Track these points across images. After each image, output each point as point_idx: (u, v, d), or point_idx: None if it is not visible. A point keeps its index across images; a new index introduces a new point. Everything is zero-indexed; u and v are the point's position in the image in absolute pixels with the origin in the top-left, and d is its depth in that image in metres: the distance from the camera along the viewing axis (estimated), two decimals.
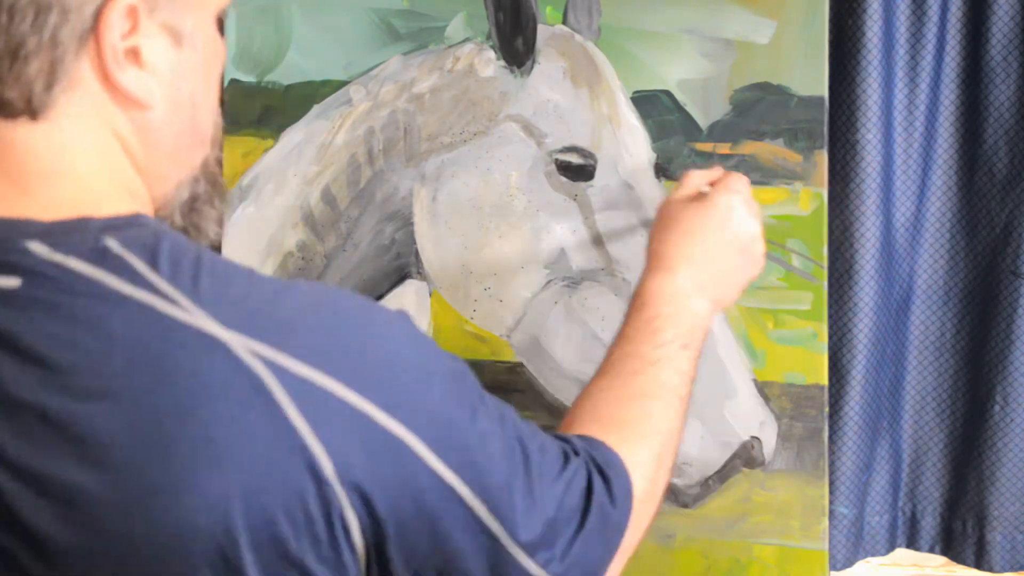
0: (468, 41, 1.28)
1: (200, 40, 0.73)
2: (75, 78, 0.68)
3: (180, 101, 0.72)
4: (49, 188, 0.68)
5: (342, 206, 1.30)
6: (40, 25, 0.65)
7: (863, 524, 1.35)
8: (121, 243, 0.67)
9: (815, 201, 1.24)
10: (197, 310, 0.65)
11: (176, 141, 0.74)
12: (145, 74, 0.69)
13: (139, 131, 0.71)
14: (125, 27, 0.68)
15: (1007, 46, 1.29)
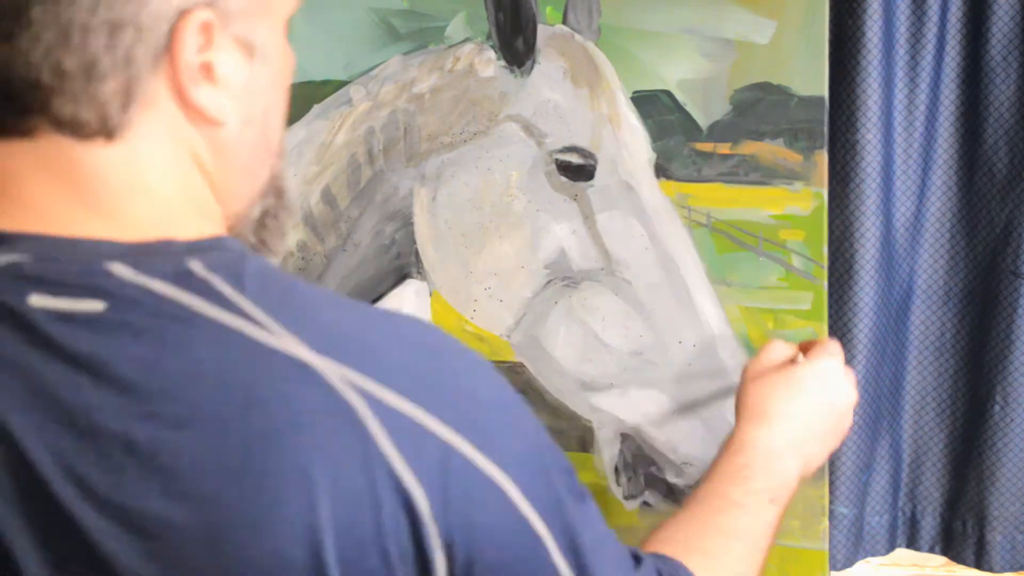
0: (468, 41, 1.28)
1: (271, 51, 0.71)
2: (151, 97, 0.66)
3: (252, 116, 0.71)
4: (127, 208, 0.66)
5: (342, 206, 1.30)
6: (114, 44, 0.64)
7: (863, 524, 1.35)
8: (206, 266, 0.65)
9: (815, 201, 1.24)
10: (287, 335, 0.63)
11: (249, 157, 0.72)
12: (218, 91, 0.67)
13: (213, 149, 0.69)
14: (200, 43, 0.66)
15: (1007, 46, 1.29)
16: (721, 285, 1.25)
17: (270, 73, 0.71)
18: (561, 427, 1.27)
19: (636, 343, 1.24)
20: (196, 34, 0.66)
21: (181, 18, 0.65)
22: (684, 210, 1.26)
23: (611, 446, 1.26)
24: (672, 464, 1.25)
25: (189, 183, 0.69)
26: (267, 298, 0.64)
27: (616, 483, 1.26)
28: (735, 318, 1.25)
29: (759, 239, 1.25)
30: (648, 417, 1.25)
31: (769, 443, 0.98)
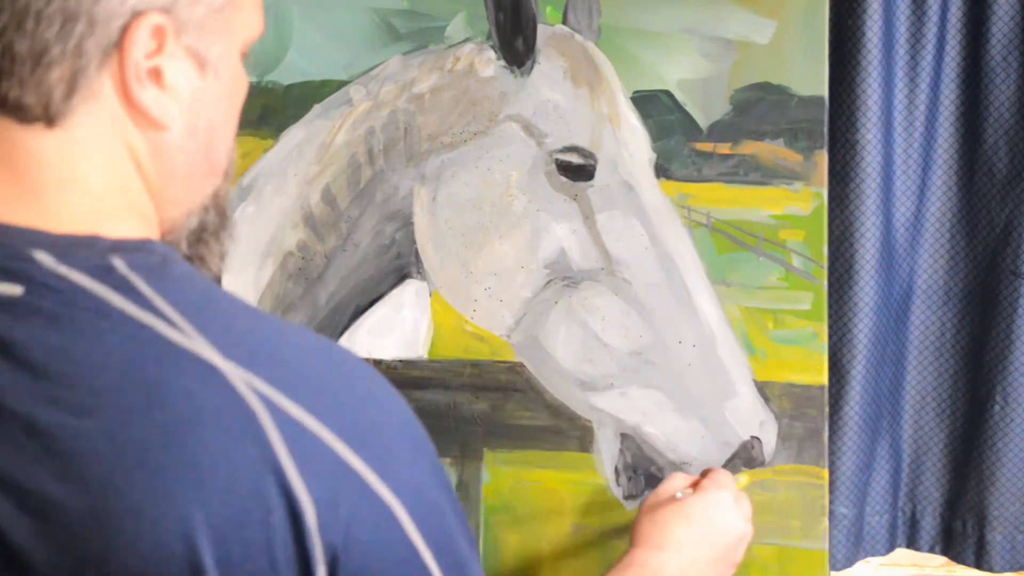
0: (468, 41, 1.28)
1: (224, 70, 0.73)
2: (95, 90, 0.67)
3: (198, 127, 0.72)
4: (60, 198, 0.68)
5: (342, 206, 1.30)
6: (66, 34, 0.65)
7: (863, 524, 1.35)
8: (128, 264, 0.66)
9: (815, 201, 1.24)
10: (198, 336, 0.64)
11: (190, 167, 0.73)
12: (165, 96, 0.69)
13: (154, 151, 0.70)
14: (150, 46, 0.67)
15: (1007, 46, 1.29)
16: (721, 285, 1.25)
17: (221, 90, 0.73)
18: (561, 427, 1.27)
19: (636, 343, 1.24)
20: (147, 36, 0.67)
21: (134, 18, 0.66)
22: (684, 210, 1.26)
23: (611, 446, 1.26)
24: (672, 464, 1.25)
25: (125, 180, 0.70)
26: (184, 301, 0.66)
27: (616, 483, 1.26)
28: (735, 318, 1.25)
29: (759, 239, 1.25)
30: (648, 417, 1.25)
31: (660, 568, 1.03)
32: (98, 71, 0.67)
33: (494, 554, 1.28)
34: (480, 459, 1.29)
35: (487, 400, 1.28)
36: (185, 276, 0.69)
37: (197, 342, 0.64)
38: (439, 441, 1.28)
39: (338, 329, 1.31)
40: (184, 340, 0.64)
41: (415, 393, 1.29)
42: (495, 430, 1.28)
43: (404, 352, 1.30)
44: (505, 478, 1.28)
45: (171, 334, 0.64)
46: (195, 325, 0.65)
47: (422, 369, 1.29)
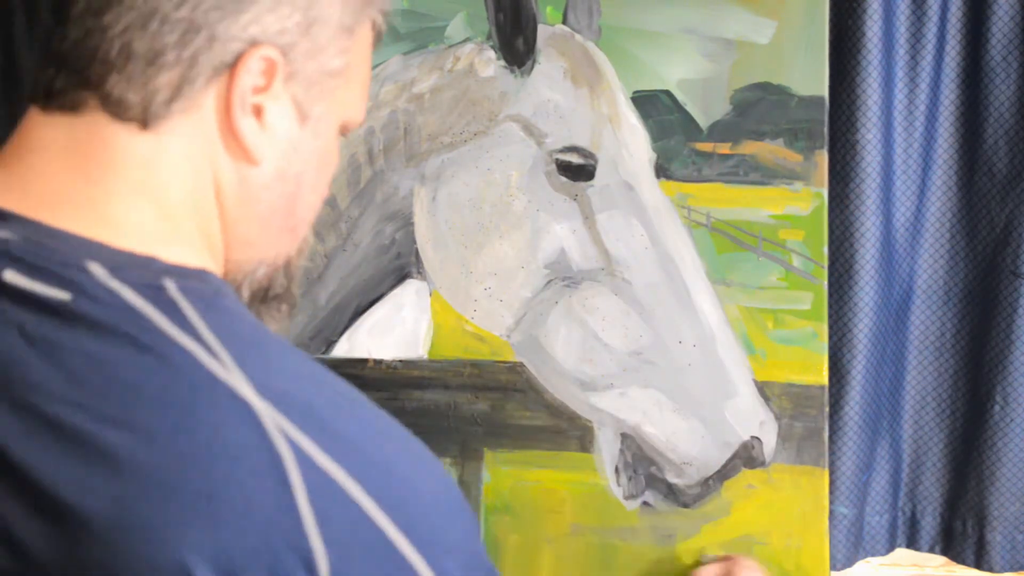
0: (468, 41, 1.28)
1: (323, 132, 0.74)
2: (197, 103, 0.68)
3: (287, 175, 0.72)
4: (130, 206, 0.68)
5: (342, 206, 1.30)
6: (185, 42, 0.67)
7: (863, 524, 1.35)
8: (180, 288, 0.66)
9: (815, 201, 1.24)
10: (236, 370, 0.64)
11: (271, 211, 0.73)
12: (263, 133, 0.70)
13: (239, 182, 0.71)
14: (259, 82, 0.69)
15: (1007, 46, 1.29)
16: (721, 285, 1.25)
17: (315, 148, 0.74)
18: (561, 427, 1.27)
19: (636, 343, 1.24)
20: (259, 68, 0.68)
21: (252, 47, 0.68)
22: (684, 210, 1.26)
23: (611, 446, 1.26)
24: (672, 464, 1.25)
25: (201, 201, 0.70)
26: (228, 333, 0.65)
27: (616, 483, 1.26)
28: (735, 318, 1.25)
29: (759, 239, 1.25)
30: (648, 417, 1.25)
31: None
32: (205, 86, 0.68)
33: (494, 554, 1.28)
34: (480, 459, 1.29)
35: (487, 400, 1.28)
36: (235, 310, 0.68)
37: (234, 375, 0.63)
38: (439, 441, 1.29)
39: (338, 329, 1.31)
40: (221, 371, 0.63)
41: (415, 393, 1.29)
42: (495, 430, 1.28)
43: (404, 352, 1.30)
44: (505, 478, 1.28)
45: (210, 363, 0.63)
46: (235, 358, 0.64)
47: (422, 369, 1.29)
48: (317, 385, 0.67)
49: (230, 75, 0.68)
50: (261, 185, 0.72)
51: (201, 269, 0.69)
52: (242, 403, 0.63)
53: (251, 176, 0.71)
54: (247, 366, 0.64)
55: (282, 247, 0.76)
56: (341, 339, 1.31)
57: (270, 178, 0.72)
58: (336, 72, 0.73)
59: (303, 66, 0.71)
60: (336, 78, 0.74)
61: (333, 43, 0.73)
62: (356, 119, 0.79)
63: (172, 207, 0.69)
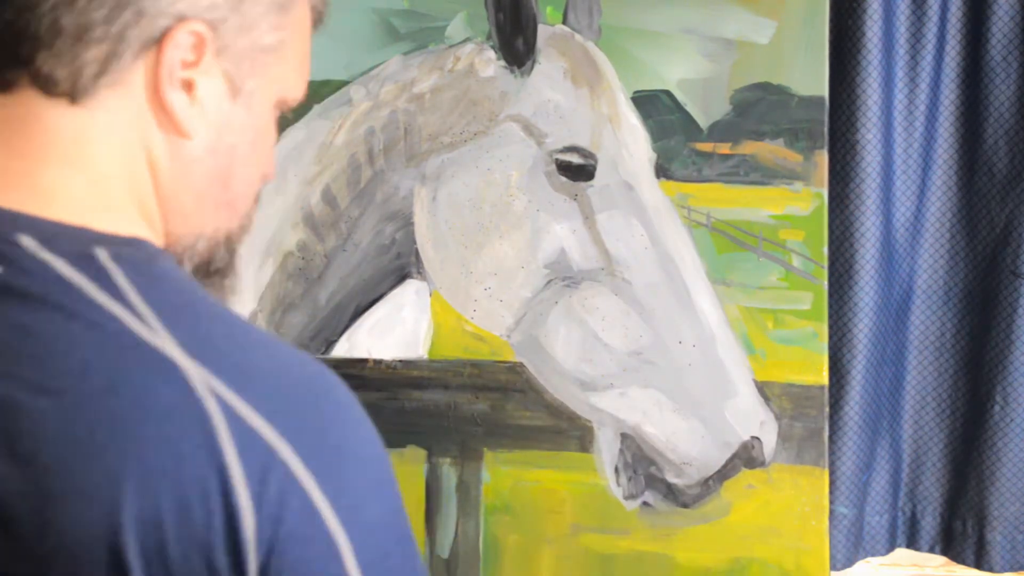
0: (468, 41, 1.28)
1: (257, 106, 0.74)
2: (126, 79, 0.69)
3: (219, 148, 0.73)
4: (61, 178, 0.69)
5: (342, 206, 1.30)
6: (112, 18, 0.67)
7: (863, 524, 1.35)
8: (111, 256, 0.67)
9: (815, 201, 1.24)
10: (165, 333, 0.64)
11: (206, 185, 0.74)
12: (193, 107, 0.70)
13: (172, 155, 0.72)
14: (189, 56, 0.69)
15: (1007, 46, 1.29)
16: (721, 285, 1.25)
17: (249, 123, 0.74)
18: (561, 427, 1.27)
19: (636, 343, 1.24)
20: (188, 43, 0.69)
21: (179, 22, 0.68)
22: (684, 210, 1.26)
23: (611, 446, 1.26)
24: (672, 464, 1.25)
25: (134, 174, 0.71)
26: (159, 298, 0.66)
27: (616, 483, 1.26)
28: (735, 318, 1.25)
29: (759, 239, 1.25)
30: (648, 417, 1.25)
31: None
32: (132, 61, 0.68)
33: (494, 554, 1.28)
34: (480, 459, 1.29)
35: (487, 400, 1.28)
36: (169, 275, 0.69)
37: (163, 338, 0.64)
38: (439, 441, 1.29)
39: (338, 329, 1.31)
40: (149, 334, 0.64)
41: (415, 393, 1.29)
42: (495, 430, 1.28)
43: (404, 352, 1.30)
44: (505, 478, 1.28)
45: (138, 328, 0.64)
46: (164, 322, 0.65)
47: (422, 369, 1.29)
48: (251, 347, 0.67)
49: (158, 50, 0.69)
50: (194, 158, 0.72)
51: (135, 237, 0.70)
52: (169, 364, 0.63)
53: (183, 149, 0.72)
54: (177, 328, 0.65)
55: (220, 221, 0.76)
56: (341, 339, 1.31)
57: (202, 151, 0.72)
58: (269, 48, 0.74)
59: (233, 41, 0.71)
60: (270, 54, 0.74)
61: (265, 19, 0.73)
62: (294, 96, 0.79)
63: (104, 179, 0.70)
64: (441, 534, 1.29)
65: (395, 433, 1.29)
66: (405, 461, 1.29)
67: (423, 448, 1.29)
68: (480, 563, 1.29)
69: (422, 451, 1.29)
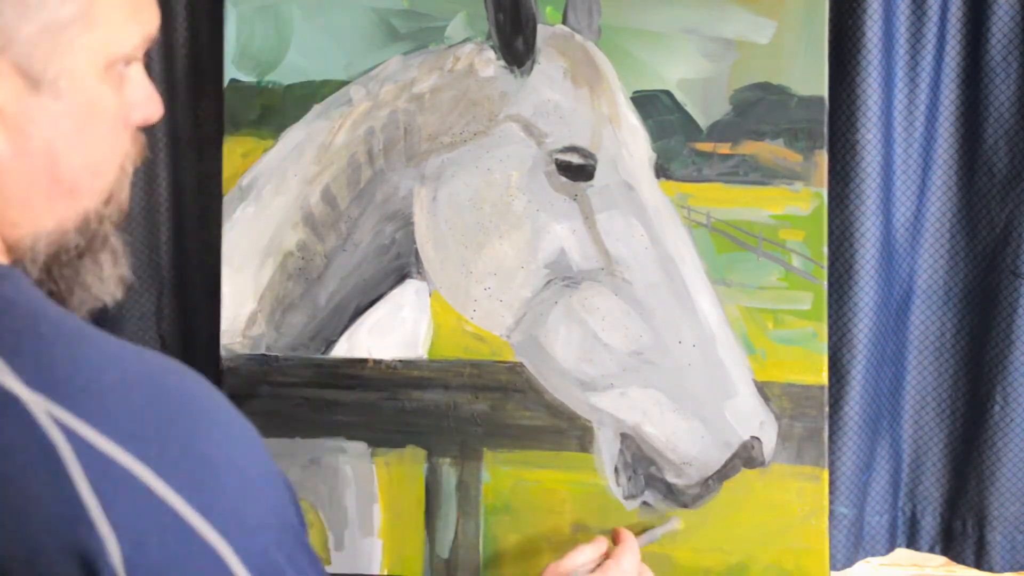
0: (468, 41, 1.28)
1: (67, 88, 0.69)
2: None
3: (30, 148, 0.68)
4: None
5: (342, 206, 1.30)
6: None
7: (863, 524, 1.35)
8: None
9: (815, 201, 1.24)
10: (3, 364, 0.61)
11: (27, 189, 0.69)
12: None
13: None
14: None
15: (1007, 46, 1.29)
16: (721, 285, 1.25)
17: (62, 109, 0.69)
18: (561, 427, 1.27)
19: (636, 343, 1.24)
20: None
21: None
22: (684, 210, 1.26)
23: (611, 446, 1.26)
24: (672, 464, 1.25)
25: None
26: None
27: (616, 483, 1.26)
28: (735, 318, 1.25)
29: (759, 239, 1.25)
30: (648, 417, 1.25)
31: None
32: None
33: (494, 554, 1.28)
34: (480, 459, 1.29)
35: (487, 400, 1.28)
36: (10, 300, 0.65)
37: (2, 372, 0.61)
38: (439, 441, 1.29)
39: (338, 329, 1.31)
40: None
41: (415, 393, 1.29)
42: (495, 430, 1.28)
43: (404, 352, 1.30)
44: (505, 478, 1.28)
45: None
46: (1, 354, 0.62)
47: (422, 369, 1.29)
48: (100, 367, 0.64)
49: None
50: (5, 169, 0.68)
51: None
52: (9, 397, 0.60)
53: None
54: (16, 359, 0.62)
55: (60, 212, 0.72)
56: (341, 339, 1.31)
57: (12, 159, 0.68)
58: (69, 20, 0.67)
59: (15, 31, 0.65)
60: (68, 28, 0.68)
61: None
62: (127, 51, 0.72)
63: None
64: (441, 534, 1.29)
65: (395, 433, 1.29)
66: (405, 461, 1.29)
67: (423, 448, 1.29)
68: (480, 563, 1.29)
69: (422, 451, 1.29)
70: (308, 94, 1.31)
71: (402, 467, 1.29)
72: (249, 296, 1.31)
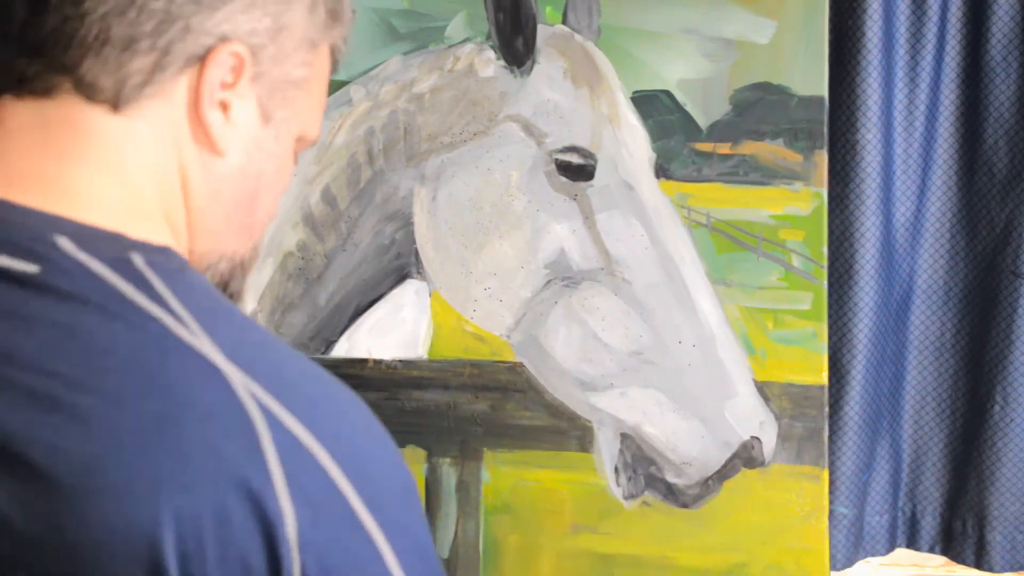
0: (468, 41, 1.28)
1: (283, 135, 0.76)
2: (168, 90, 0.70)
3: (248, 171, 0.75)
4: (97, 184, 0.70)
5: (342, 206, 1.30)
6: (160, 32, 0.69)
7: (863, 524, 1.35)
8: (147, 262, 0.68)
9: (815, 201, 1.24)
10: (204, 336, 0.65)
11: (233, 205, 0.75)
12: (229, 126, 0.72)
13: (204, 171, 0.73)
14: (228, 78, 0.71)
15: (1007, 46, 1.29)
16: (721, 285, 1.25)
17: (276, 149, 0.76)
18: (561, 427, 1.27)
19: (636, 343, 1.24)
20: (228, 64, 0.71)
21: (223, 41, 0.70)
22: (684, 210, 1.26)
23: (611, 446, 1.26)
24: (672, 464, 1.25)
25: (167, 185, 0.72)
26: (195, 303, 0.67)
27: (616, 483, 1.26)
28: (735, 318, 1.25)
29: (759, 239, 1.25)
30: (648, 417, 1.25)
31: None
32: (176, 75, 0.70)
33: (494, 554, 1.28)
34: (480, 459, 1.29)
35: (487, 400, 1.28)
36: (200, 284, 0.70)
37: (203, 341, 0.65)
38: (439, 441, 1.29)
39: (338, 329, 1.31)
40: (190, 337, 0.65)
41: (415, 393, 1.29)
42: (495, 430, 1.28)
43: (404, 352, 1.30)
44: (505, 478, 1.28)
45: (179, 330, 0.65)
46: (203, 326, 0.66)
47: (422, 369, 1.29)
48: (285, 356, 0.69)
49: (200, 67, 0.70)
50: (224, 177, 0.74)
51: (165, 246, 0.71)
52: (212, 367, 0.64)
53: (215, 167, 0.73)
54: (216, 334, 0.65)
55: (240, 243, 0.78)
56: (341, 339, 1.31)
57: (233, 171, 0.74)
58: (298, 82, 0.76)
59: (269, 69, 0.73)
60: (298, 88, 0.76)
61: (297, 53, 0.75)
62: (312, 135, 0.81)
63: (139, 187, 0.71)
64: (441, 534, 1.29)
65: (395, 433, 1.28)
66: (405, 461, 1.29)
67: (423, 448, 1.29)
68: (480, 563, 1.29)
69: (422, 451, 1.29)
70: None
71: None
72: (249, 296, 1.31)
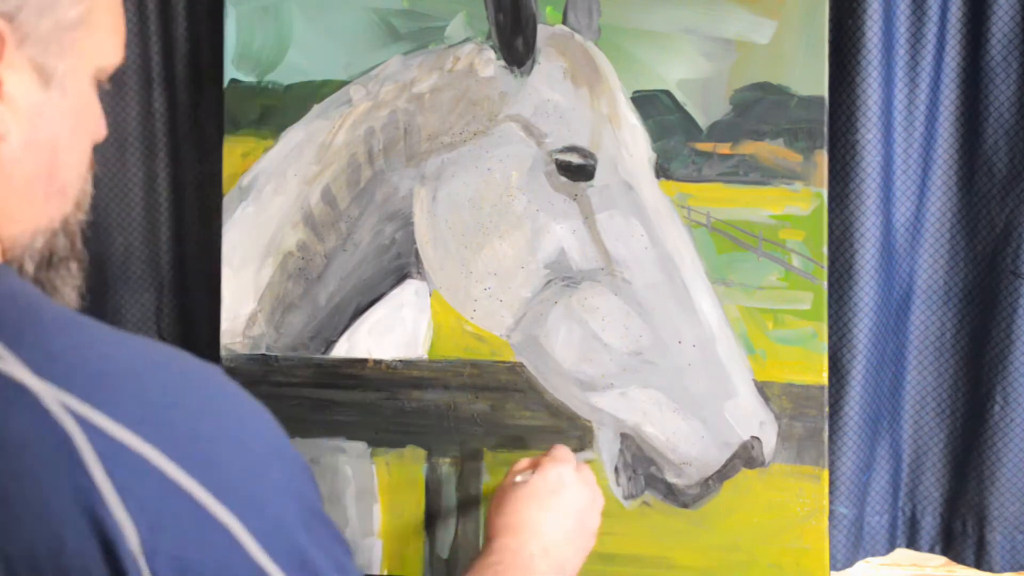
0: (468, 41, 1.28)
1: (72, 88, 0.71)
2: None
3: (38, 141, 0.69)
4: None
5: (342, 206, 1.30)
6: None
7: (863, 524, 1.35)
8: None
9: (815, 201, 1.24)
10: (9, 355, 0.61)
11: (29, 183, 0.70)
12: (3, 105, 0.67)
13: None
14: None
15: (1007, 46, 1.29)
16: (721, 285, 1.25)
17: (66, 107, 0.70)
18: (561, 427, 1.27)
19: (636, 343, 1.24)
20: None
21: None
22: (684, 210, 1.26)
23: (611, 446, 1.26)
24: (672, 464, 1.25)
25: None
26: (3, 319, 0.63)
27: (616, 483, 1.26)
28: (735, 318, 1.25)
29: (759, 239, 1.25)
30: (648, 417, 1.25)
31: (519, 549, 1.03)
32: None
33: None
34: (480, 459, 1.29)
35: (487, 400, 1.28)
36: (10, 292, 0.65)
37: (7, 362, 0.61)
38: (439, 441, 1.29)
39: (338, 329, 1.31)
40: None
41: (415, 393, 1.29)
42: (495, 430, 1.28)
43: (404, 352, 1.30)
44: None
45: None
46: (7, 344, 0.62)
47: (422, 369, 1.29)
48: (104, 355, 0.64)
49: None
50: (11, 160, 0.69)
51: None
52: (19, 387, 0.60)
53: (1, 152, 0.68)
54: (23, 349, 0.62)
55: (53, 211, 0.73)
56: (341, 339, 1.31)
57: (21, 150, 0.69)
58: (74, 23, 0.70)
59: (35, 26, 0.67)
60: (76, 29, 0.70)
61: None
62: (112, 61, 0.74)
63: None
64: (441, 534, 1.29)
65: (395, 433, 1.29)
66: (405, 461, 1.29)
67: (423, 448, 1.29)
68: None
69: (422, 451, 1.29)
70: (308, 94, 1.31)
71: (402, 467, 1.29)
72: (249, 296, 1.31)
